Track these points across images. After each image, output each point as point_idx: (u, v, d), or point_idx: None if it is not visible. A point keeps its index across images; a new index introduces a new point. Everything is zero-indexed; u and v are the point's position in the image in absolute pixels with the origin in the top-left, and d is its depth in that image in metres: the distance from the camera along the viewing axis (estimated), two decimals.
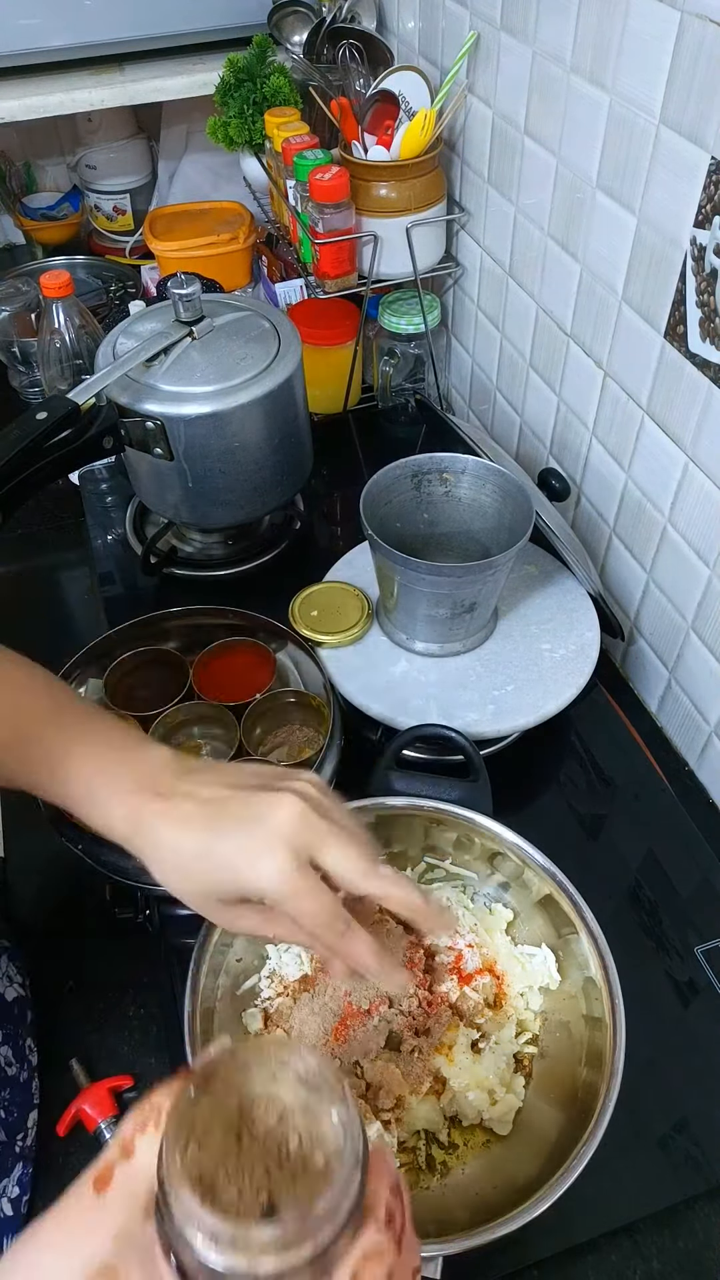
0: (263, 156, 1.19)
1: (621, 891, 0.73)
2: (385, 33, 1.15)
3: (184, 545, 0.99)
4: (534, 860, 0.62)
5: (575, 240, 0.83)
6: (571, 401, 0.92)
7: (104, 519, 1.03)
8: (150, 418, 0.81)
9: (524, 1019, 0.62)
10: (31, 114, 1.21)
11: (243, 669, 0.84)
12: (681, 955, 0.69)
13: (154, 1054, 0.65)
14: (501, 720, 0.75)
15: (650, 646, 0.88)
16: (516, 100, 0.86)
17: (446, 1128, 0.58)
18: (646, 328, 0.75)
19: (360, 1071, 0.58)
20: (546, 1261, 0.57)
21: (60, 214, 1.52)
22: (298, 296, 1.20)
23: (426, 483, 0.80)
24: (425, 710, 0.75)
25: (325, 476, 1.07)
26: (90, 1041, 0.66)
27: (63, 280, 1.01)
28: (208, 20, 1.23)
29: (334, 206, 0.97)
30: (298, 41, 1.17)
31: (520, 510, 0.75)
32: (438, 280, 1.14)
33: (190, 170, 1.47)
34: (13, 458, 0.75)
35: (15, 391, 1.27)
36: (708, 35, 0.60)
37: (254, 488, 0.89)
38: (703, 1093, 0.62)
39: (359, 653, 0.81)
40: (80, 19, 1.18)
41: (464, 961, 0.63)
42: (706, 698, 0.80)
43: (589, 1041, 0.57)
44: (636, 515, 0.84)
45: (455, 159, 1.04)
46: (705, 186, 0.64)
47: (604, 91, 0.72)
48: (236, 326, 0.87)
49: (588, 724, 0.84)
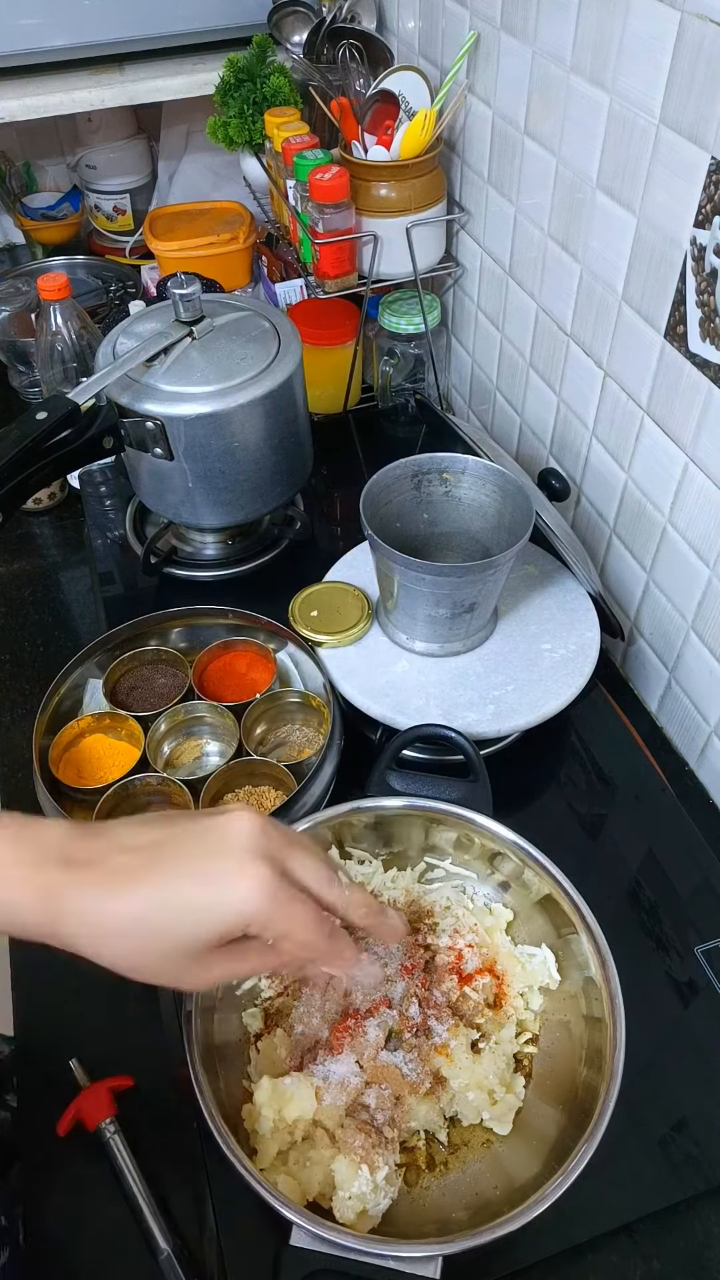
0: (263, 156, 1.19)
1: (621, 891, 0.73)
2: (385, 33, 1.15)
3: (184, 545, 0.99)
4: (534, 860, 0.62)
5: (575, 240, 0.83)
6: (571, 401, 0.92)
7: (104, 519, 1.03)
8: (150, 418, 0.81)
9: (524, 1019, 0.62)
10: (31, 114, 1.21)
11: (243, 669, 0.84)
12: (681, 955, 0.69)
13: (154, 1054, 0.65)
14: (501, 720, 0.75)
15: (650, 646, 0.88)
16: (516, 100, 0.86)
17: (446, 1128, 0.58)
18: (646, 328, 0.75)
19: (360, 1071, 0.58)
20: (546, 1261, 0.57)
21: (60, 214, 1.52)
22: (298, 296, 1.20)
23: (426, 483, 0.80)
24: (425, 710, 0.75)
25: (325, 476, 1.07)
26: (90, 1041, 0.66)
27: (60, 282, 1.01)
28: (208, 20, 1.23)
29: (334, 206, 0.97)
30: (298, 41, 1.17)
31: (520, 510, 0.75)
32: (438, 280, 1.14)
33: (190, 170, 1.47)
34: (13, 458, 0.75)
35: (15, 391, 1.27)
36: (708, 35, 0.60)
37: (254, 488, 0.89)
38: (703, 1093, 0.62)
39: (359, 653, 0.81)
40: (80, 19, 1.18)
41: (464, 961, 0.63)
42: (706, 698, 0.80)
43: (589, 1041, 0.57)
44: (636, 515, 0.84)
45: (455, 159, 1.04)
46: (705, 186, 0.64)
47: (604, 91, 0.72)
48: (236, 326, 0.87)
49: (588, 724, 0.84)
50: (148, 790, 0.75)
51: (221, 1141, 0.50)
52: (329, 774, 0.73)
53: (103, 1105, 0.61)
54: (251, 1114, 0.56)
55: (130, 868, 0.41)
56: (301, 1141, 0.56)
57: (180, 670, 0.83)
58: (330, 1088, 0.56)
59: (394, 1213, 0.54)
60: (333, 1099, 0.56)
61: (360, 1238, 0.48)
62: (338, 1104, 0.56)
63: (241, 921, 0.42)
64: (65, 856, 0.42)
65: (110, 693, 0.80)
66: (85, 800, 0.73)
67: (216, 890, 0.41)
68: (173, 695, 0.80)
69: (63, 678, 0.79)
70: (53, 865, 0.41)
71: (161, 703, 0.80)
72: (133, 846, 0.42)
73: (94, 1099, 0.62)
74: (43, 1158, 0.61)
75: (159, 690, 0.82)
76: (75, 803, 0.74)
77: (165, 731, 0.79)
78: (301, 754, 0.79)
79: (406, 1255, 0.48)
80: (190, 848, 0.42)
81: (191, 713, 0.80)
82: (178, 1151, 0.61)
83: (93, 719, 0.78)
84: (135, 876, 0.41)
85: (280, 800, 0.72)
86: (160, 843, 0.43)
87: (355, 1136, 0.54)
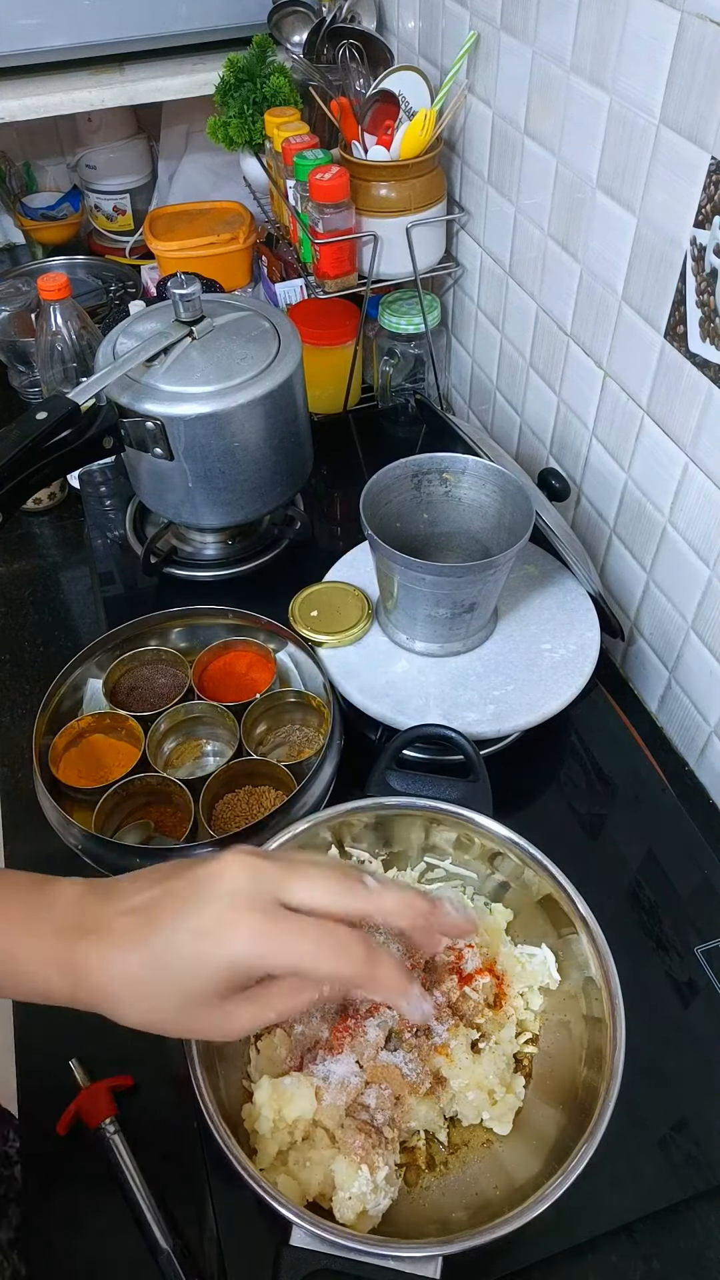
0: (263, 156, 1.19)
1: (621, 891, 0.73)
2: (385, 33, 1.15)
3: (184, 545, 0.99)
4: (534, 860, 0.62)
5: (575, 240, 0.83)
6: (571, 401, 0.92)
7: (104, 519, 1.03)
8: (150, 418, 0.81)
9: (524, 1019, 0.62)
10: (31, 114, 1.21)
11: (243, 669, 0.84)
12: (681, 955, 0.69)
13: (154, 1054, 0.65)
14: (501, 720, 0.75)
15: (650, 646, 0.88)
16: (516, 100, 0.86)
17: (446, 1128, 0.58)
18: (646, 328, 0.75)
19: (360, 1071, 0.58)
20: (546, 1261, 0.57)
21: (60, 214, 1.52)
22: (298, 296, 1.20)
23: (426, 483, 0.80)
24: (425, 710, 0.75)
25: (325, 476, 1.07)
26: (90, 1041, 0.66)
27: (60, 282, 1.01)
28: (208, 20, 1.23)
29: (334, 206, 0.97)
30: (298, 41, 1.17)
31: (520, 510, 0.75)
32: (438, 280, 1.14)
33: (190, 170, 1.47)
34: (13, 458, 0.75)
35: (15, 391, 1.27)
36: (708, 35, 0.60)
37: (254, 488, 0.89)
38: (703, 1093, 0.62)
39: (359, 653, 0.81)
40: (80, 19, 1.18)
41: (464, 961, 0.62)
42: (706, 698, 0.80)
43: (589, 1041, 0.57)
44: (636, 515, 0.84)
45: (455, 159, 1.04)
46: (705, 186, 0.64)
47: (604, 91, 0.72)
48: (236, 326, 0.87)
49: (588, 724, 0.84)
50: (148, 790, 0.75)
51: (221, 1141, 0.50)
52: (329, 774, 0.73)
53: (103, 1105, 0.61)
54: (251, 1114, 0.56)
55: (129, 929, 0.43)
56: (301, 1141, 0.56)
57: (180, 670, 0.83)
58: (330, 1088, 0.56)
59: (394, 1213, 0.54)
60: (333, 1099, 0.56)
61: (360, 1238, 0.48)
62: (338, 1104, 0.56)
63: (238, 968, 0.42)
64: (82, 924, 0.44)
65: (110, 693, 0.80)
66: (85, 800, 0.74)
67: (206, 943, 0.42)
68: (173, 695, 0.80)
69: (63, 678, 0.79)
70: (73, 934, 0.44)
71: (161, 703, 0.80)
72: (132, 907, 0.44)
73: (94, 1099, 0.62)
74: (43, 1157, 0.61)
75: (159, 690, 0.82)
76: (75, 803, 0.74)
77: (165, 731, 0.79)
78: (301, 754, 0.79)
79: (406, 1255, 0.47)
80: (182, 903, 0.43)
81: (191, 713, 0.80)
82: (178, 1151, 0.61)
83: (93, 719, 0.78)
84: (135, 936, 0.43)
85: (280, 800, 0.72)
86: (157, 900, 0.44)
87: (355, 1136, 0.54)
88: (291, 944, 0.42)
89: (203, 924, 0.42)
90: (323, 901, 0.43)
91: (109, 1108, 0.61)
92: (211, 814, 0.74)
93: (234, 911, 0.42)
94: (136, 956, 0.42)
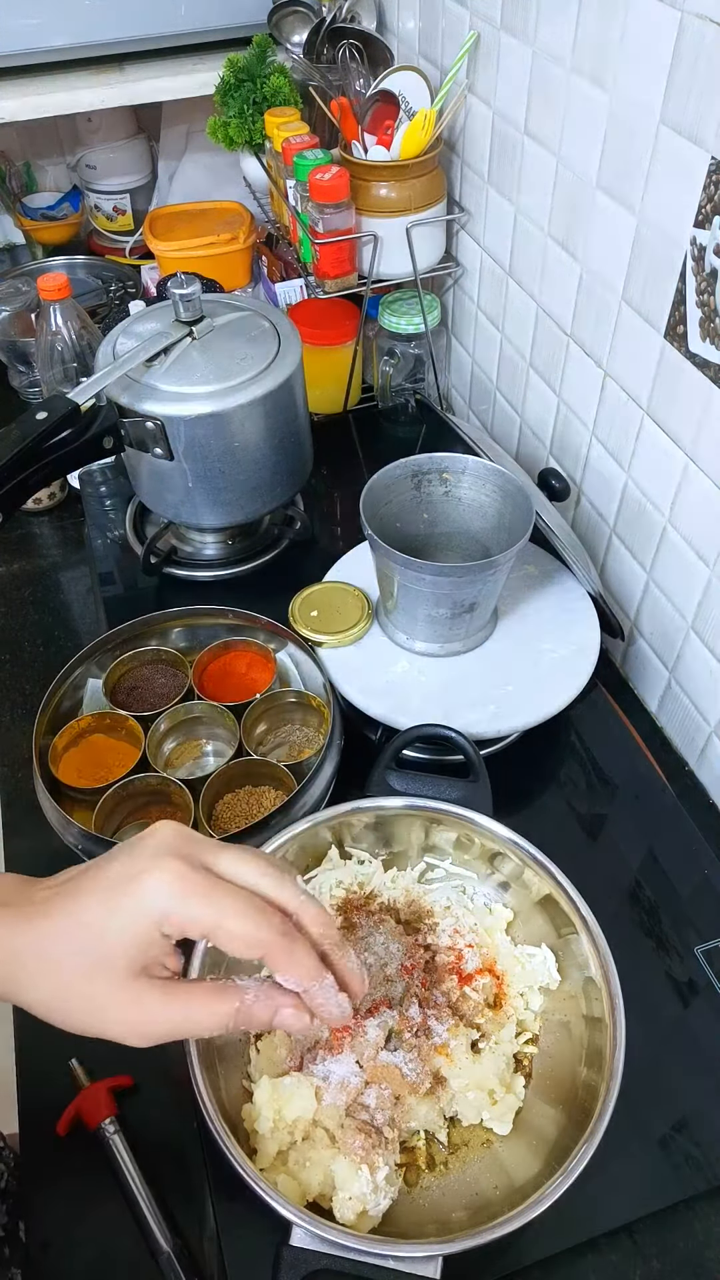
0: (263, 156, 1.19)
1: (621, 891, 0.73)
2: (385, 33, 1.15)
3: (184, 545, 0.99)
4: (534, 860, 0.62)
5: (575, 240, 0.83)
6: (571, 401, 0.92)
7: (104, 519, 1.03)
8: (150, 418, 0.81)
9: (524, 1019, 0.62)
10: (31, 114, 1.21)
11: (243, 669, 0.84)
12: (681, 955, 0.69)
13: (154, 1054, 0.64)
14: (501, 720, 0.75)
15: (650, 646, 0.88)
16: (516, 100, 0.86)
17: (446, 1128, 0.58)
18: (646, 328, 0.75)
19: (360, 1071, 0.58)
20: (546, 1261, 0.57)
21: (60, 214, 1.52)
22: (298, 296, 1.20)
23: (426, 483, 0.80)
24: (425, 710, 0.75)
25: (325, 476, 1.07)
26: (90, 1041, 0.65)
27: (60, 282, 1.01)
28: (208, 20, 1.23)
29: (334, 206, 0.97)
30: (298, 41, 1.17)
31: (520, 510, 0.75)
32: (438, 280, 1.14)
33: (190, 170, 1.47)
34: (13, 458, 0.75)
35: (15, 391, 1.27)
36: (708, 35, 0.60)
37: (254, 488, 0.89)
38: (703, 1093, 0.62)
39: (359, 653, 0.81)
40: (80, 19, 1.18)
41: (464, 961, 0.63)
42: (706, 698, 0.80)
43: (589, 1041, 0.57)
44: (636, 515, 0.84)
45: (455, 159, 1.04)
46: (705, 186, 0.64)
47: (604, 91, 0.72)
48: (236, 326, 0.87)
49: (588, 724, 0.84)
50: (148, 790, 0.75)
51: (221, 1141, 0.50)
52: (329, 774, 0.73)
53: (103, 1105, 0.61)
54: (251, 1114, 0.56)
55: (47, 899, 0.42)
56: (301, 1141, 0.56)
57: (180, 670, 0.83)
58: (330, 1088, 0.56)
59: (394, 1213, 0.54)
60: (333, 1099, 0.56)
61: (360, 1238, 0.48)
62: (338, 1104, 0.56)
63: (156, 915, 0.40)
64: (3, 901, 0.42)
65: (110, 693, 0.80)
66: (85, 800, 0.74)
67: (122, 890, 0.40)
68: (173, 695, 0.80)
69: (63, 678, 0.79)
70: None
71: (161, 703, 0.80)
72: (57, 882, 0.42)
73: (94, 1099, 0.62)
74: (43, 1157, 0.61)
75: (159, 690, 0.82)
76: (75, 803, 0.74)
77: (165, 731, 0.79)
78: (301, 754, 0.79)
79: (406, 1255, 0.47)
80: (106, 870, 0.42)
81: (191, 713, 0.80)
82: (178, 1151, 0.61)
83: (93, 719, 0.78)
84: (51, 905, 0.41)
85: (280, 800, 0.72)
86: (83, 871, 0.42)
87: (355, 1136, 0.54)
88: (214, 896, 0.40)
89: (123, 871, 0.40)
90: (250, 877, 0.42)
91: (109, 1108, 0.61)
92: (211, 814, 0.74)
93: (157, 859, 0.40)
94: (48, 924, 0.40)
